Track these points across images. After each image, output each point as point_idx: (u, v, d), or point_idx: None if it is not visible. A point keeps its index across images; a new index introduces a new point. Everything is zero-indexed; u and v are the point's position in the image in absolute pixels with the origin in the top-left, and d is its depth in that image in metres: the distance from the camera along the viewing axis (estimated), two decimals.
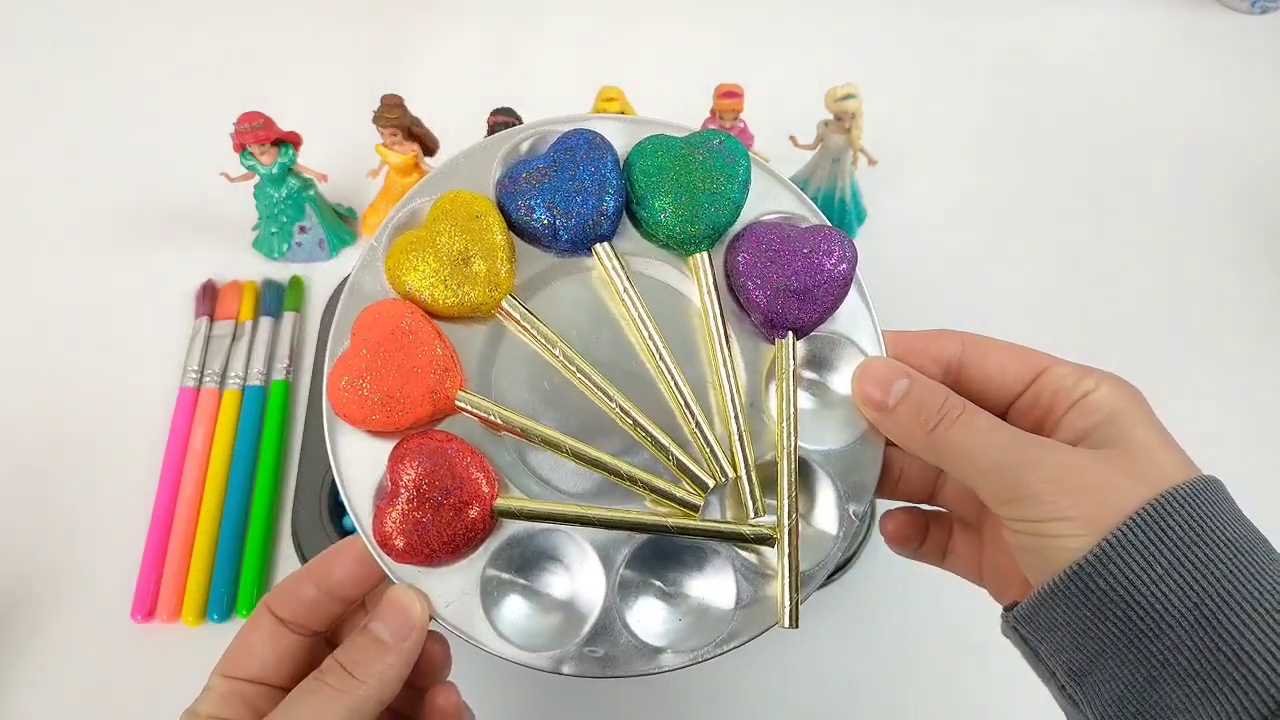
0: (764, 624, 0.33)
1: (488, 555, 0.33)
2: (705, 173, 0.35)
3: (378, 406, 0.32)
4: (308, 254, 0.63)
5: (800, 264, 0.35)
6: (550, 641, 0.33)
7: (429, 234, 0.34)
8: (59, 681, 0.50)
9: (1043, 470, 0.29)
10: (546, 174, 0.35)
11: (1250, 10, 0.79)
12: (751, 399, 0.35)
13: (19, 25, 0.78)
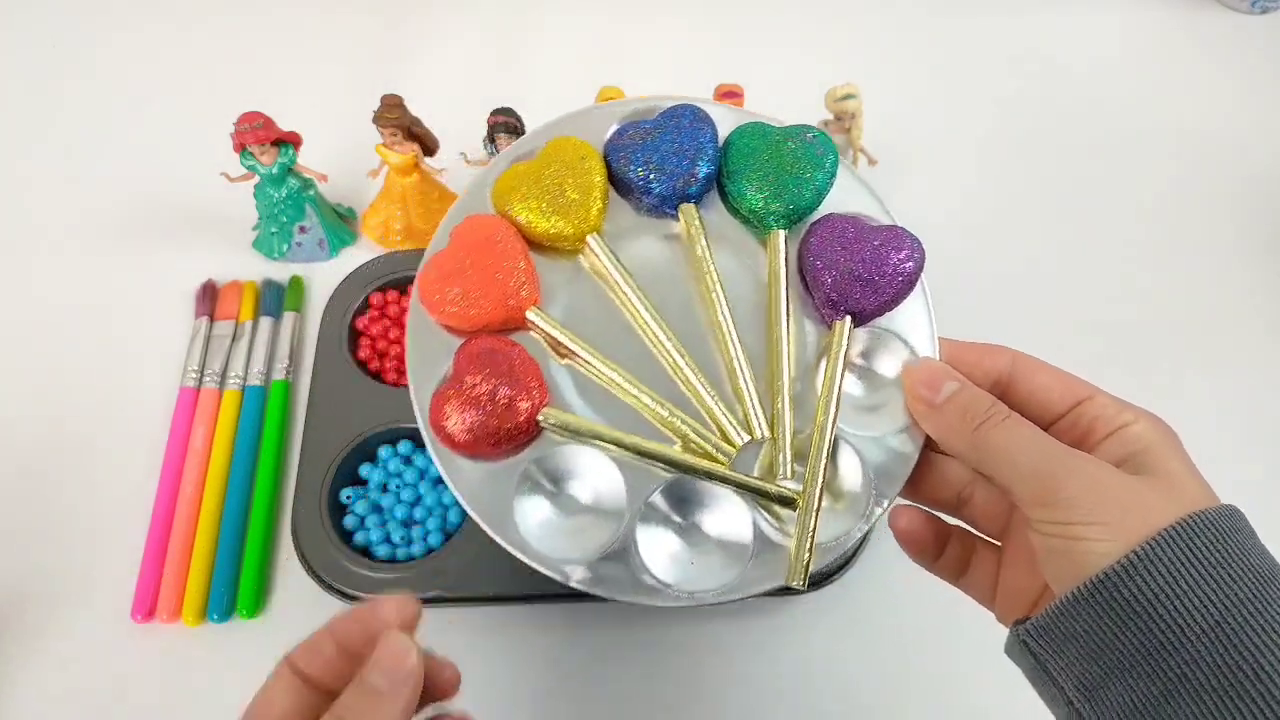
0: (773, 583, 0.35)
1: (525, 459, 0.35)
2: (795, 160, 0.38)
3: (457, 299, 0.36)
4: (308, 254, 0.63)
5: (869, 254, 0.37)
6: (565, 552, 0.35)
7: (537, 167, 0.38)
8: (59, 681, 0.50)
9: (1081, 479, 0.30)
10: (650, 134, 0.39)
11: (1250, 10, 0.79)
12: (801, 375, 0.37)
13: (19, 25, 0.78)
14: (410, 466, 0.54)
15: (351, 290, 0.60)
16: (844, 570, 0.52)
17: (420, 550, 0.52)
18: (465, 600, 0.51)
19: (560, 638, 0.52)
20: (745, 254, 0.39)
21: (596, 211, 0.38)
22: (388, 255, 0.62)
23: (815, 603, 0.52)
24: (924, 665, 0.51)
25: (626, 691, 0.50)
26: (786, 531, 0.35)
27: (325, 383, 0.57)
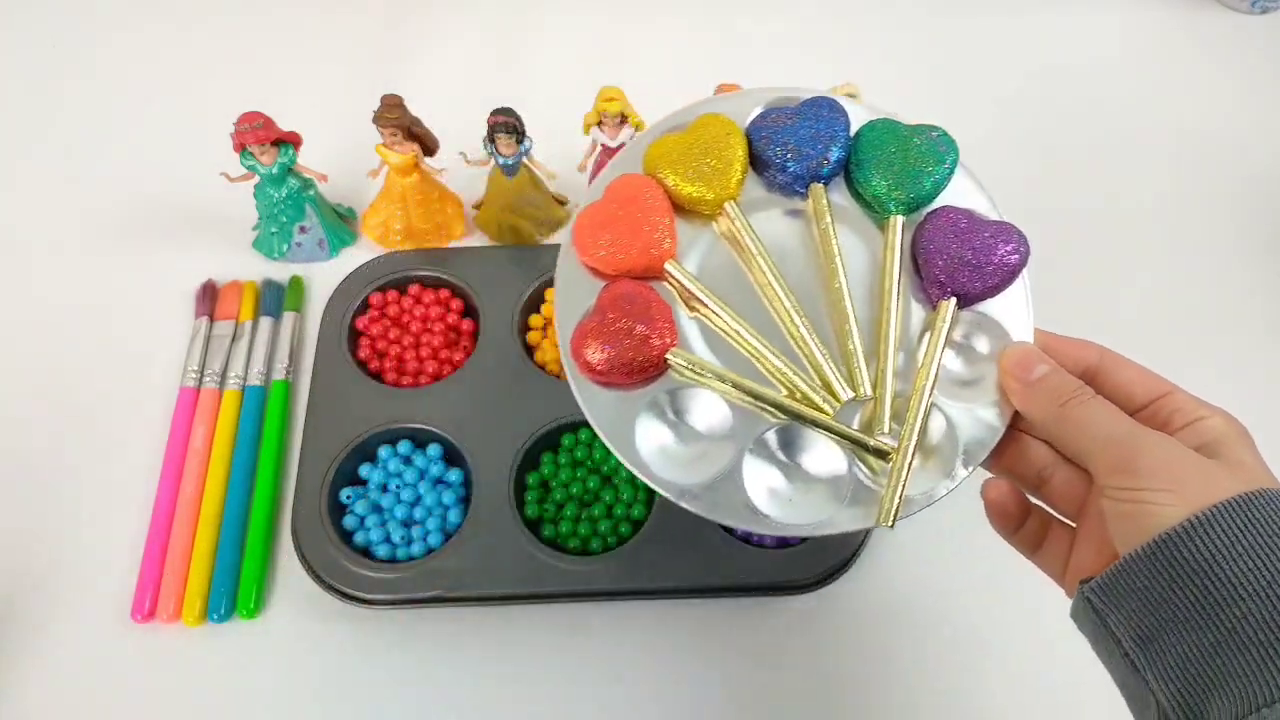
0: (861, 525, 0.38)
1: (651, 390, 0.39)
2: (919, 154, 0.42)
3: (605, 244, 0.40)
4: (308, 254, 0.63)
5: (979, 243, 0.40)
6: (677, 477, 0.38)
7: (687, 137, 0.43)
8: (60, 681, 0.50)
9: (1155, 452, 0.33)
10: (792, 119, 0.43)
11: (1250, 10, 0.79)
12: (904, 346, 0.41)
13: (19, 25, 0.78)
14: (410, 466, 0.54)
15: (351, 290, 0.60)
16: (844, 570, 0.52)
17: (420, 550, 0.52)
18: (465, 600, 0.51)
19: (560, 637, 0.52)
20: (862, 234, 0.43)
21: (735, 182, 0.42)
22: (388, 255, 0.62)
23: (815, 603, 0.52)
24: (923, 665, 0.51)
25: (626, 690, 0.50)
26: (878, 481, 0.39)
27: (325, 383, 0.57)
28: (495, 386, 0.56)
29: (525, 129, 0.57)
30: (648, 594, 0.51)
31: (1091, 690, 0.51)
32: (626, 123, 0.57)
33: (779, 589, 0.51)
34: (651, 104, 0.59)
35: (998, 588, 0.53)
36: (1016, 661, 0.51)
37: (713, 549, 0.51)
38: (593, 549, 0.52)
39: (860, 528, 0.38)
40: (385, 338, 0.59)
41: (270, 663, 0.51)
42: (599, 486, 0.54)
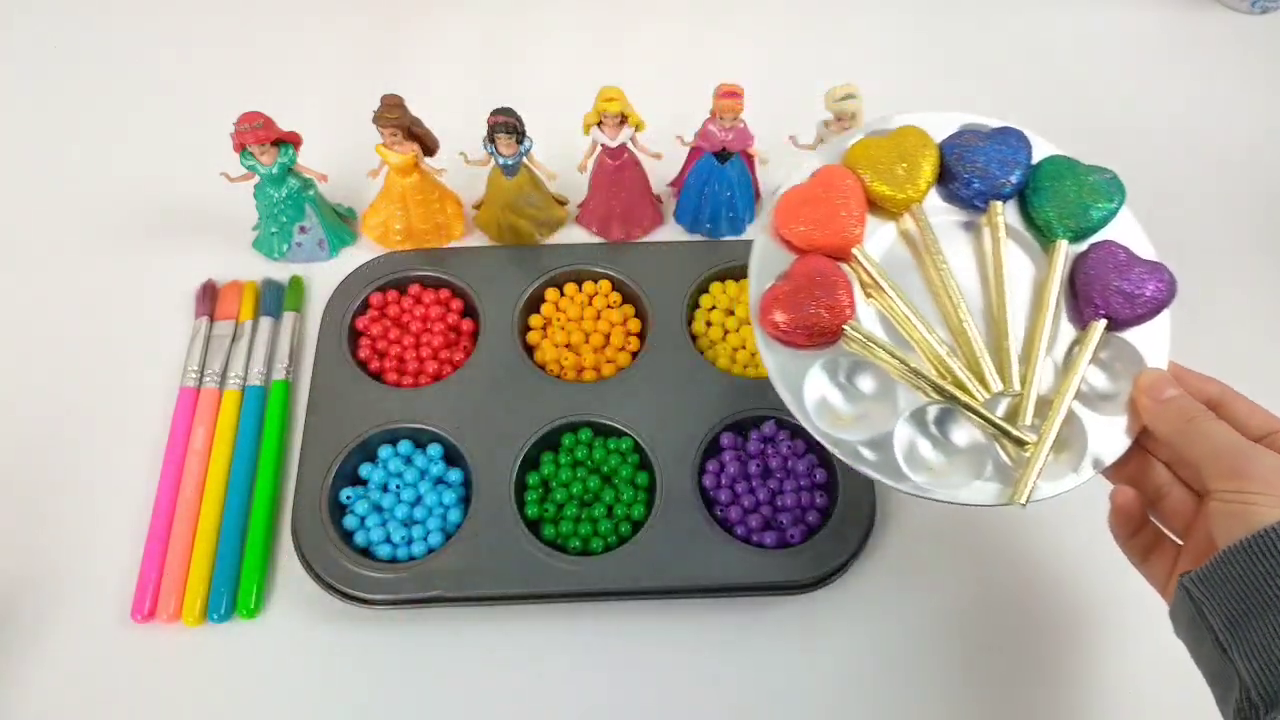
0: (996, 501, 0.43)
1: (826, 354, 0.45)
2: (1091, 190, 0.48)
3: (803, 221, 0.46)
4: (308, 254, 0.63)
5: (1134, 277, 0.46)
6: (838, 432, 0.44)
7: (887, 142, 0.48)
8: (60, 681, 0.50)
9: (1264, 462, 0.38)
10: (983, 140, 0.49)
11: (1250, 10, 0.79)
12: (1051, 353, 0.46)
13: (19, 26, 0.78)
14: (411, 466, 0.54)
15: (352, 290, 0.60)
16: (842, 571, 0.52)
17: (421, 550, 0.52)
18: (466, 600, 0.51)
19: (560, 636, 0.52)
20: (1026, 253, 0.48)
21: (922, 188, 0.48)
22: (388, 255, 0.62)
23: (815, 602, 0.52)
24: (923, 664, 0.51)
25: (626, 690, 0.50)
26: (1014, 465, 0.44)
27: (325, 383, 0.57)
28: (495, 386, 0.56)
29: (525, 129, 0.57)
30: (648, 594, 0.51)
31: (1090, 690, 0.51)
32: (626, 123, 0.57)
33: (779, 589, 0.51)
34: (651, 104, 0.59)
35: (996, 588, 0.53)
36: (1015, 661, 0.51)
37: (713, 549, 0.51)
38: (593, 549, 0.52)
39: (993, 504, 0.43)
40: (385, 338, 0.59)
41: (270, 663, 0.51)
42: (599, 487, 0.54)
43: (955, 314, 0.46)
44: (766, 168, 0.63)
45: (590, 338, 0.59)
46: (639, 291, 0.60)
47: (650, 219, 0.65)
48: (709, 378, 0.57)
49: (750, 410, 0.55)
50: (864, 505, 0.52)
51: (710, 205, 0.62)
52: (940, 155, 0.49)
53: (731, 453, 0.55)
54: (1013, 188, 0.48)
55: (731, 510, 0.53)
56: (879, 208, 0.48)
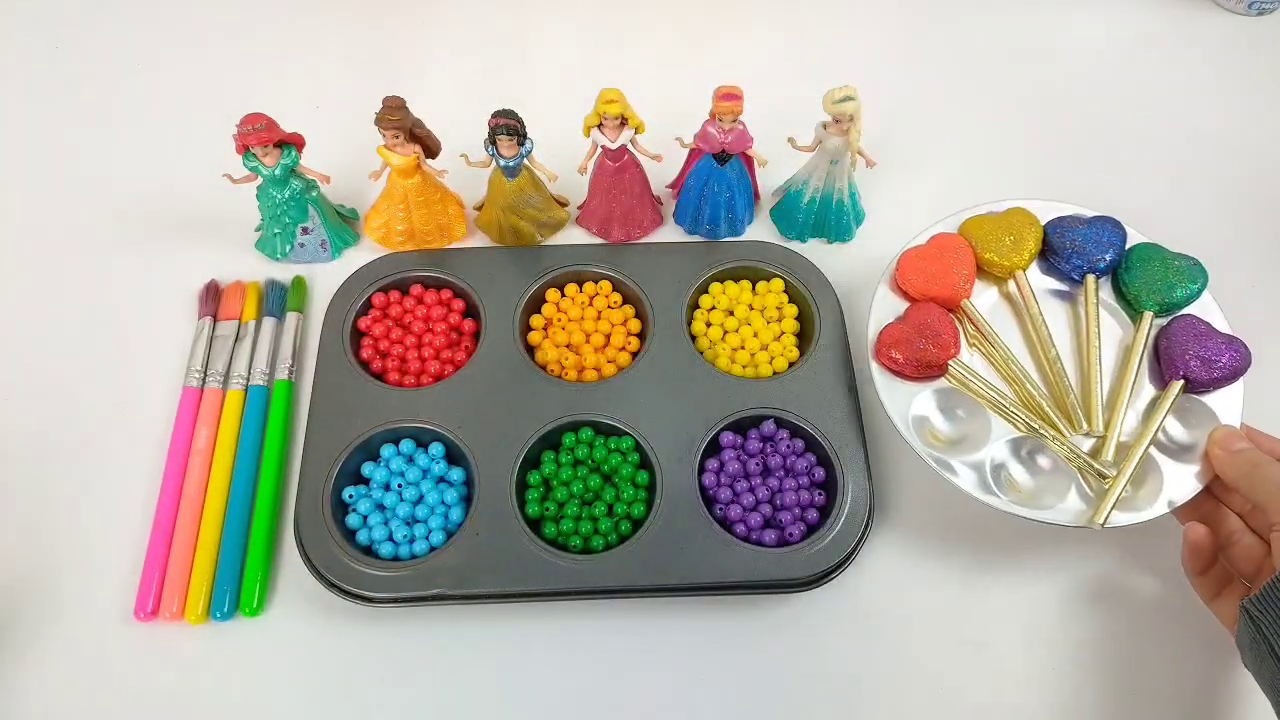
0: (1074, 523, 0.50)
1: (931, 387, 0.53)
2: (1177, 272, 0.56)
3: (920, 275, 0.56)
4: (310, 255, 0.64)
5: (1213, 346, 0.54)
6: (937, 452, 0.51)
7: (997, 220, 0.58)
8: (63, 680, 0.50)
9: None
10: (1085, 224, 0.58)
11: (1247, 12, 0.79)
12: (1135, 407, 0.54)
13: (20, 26, 0.78)
14: (413, 465, 0.55)
15: (354, 290, 0.60)
16: (842, 569, 0.52)
17: (423, 549, 0.52)
18: (467, 598, 0.51)
19: (561, 635, 0.52)
20: (1114, 322, 0.57)
21: (1026, 259, 0.57)
22: (389, 256, 0.63)
23: (814, 602, 0.52)
24: (922, 664, 0.52)
25: (626, 688, 0.51)
26: (1094, 495, 0.51)
27: (328, 382, 0.57)
28: (497, 386, 0.57)
29: (526, 131, 0.58)
30: (648, 592, 0.51)
31: (1087, 689, 0.51)
32: (626, 124, 0.58)
33: (778, 587, 0.52)
34: (651, 106, 0.59)
35: (996, 588, 0.54)
36: (1016, 658, 0.52)
37: (713, 547, 0.51)
38: (594, 547, 0.52)
39: (1072, 524, 0.49)
40: (387, 338, 0.59)
41: (273, 661, 0.51)
42: (600, 486, 0.54)
43: (1048, 364, 0.55)
44: (766, 169, 0.63)
45: (591, 338, 0.59)
46: (639, 292, 0.60)
47: (650, 220, 0.65)
48: (709, 377, 0.57)
49: (750, 410, 0.56)
50: (863, 504, 0.52)
51: (710, 206, 0.63)
52: (1044, 233, 0.58)
53: (731, 452, 0.55)
54: (1106, 265, 0.57)
55: (731, 509, 0.53)
56: (986, 273, 0.58)
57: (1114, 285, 0.58)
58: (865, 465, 0.54)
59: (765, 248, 0.63)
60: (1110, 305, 0.57)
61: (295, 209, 0.61)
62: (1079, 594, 0.53)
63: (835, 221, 0.64)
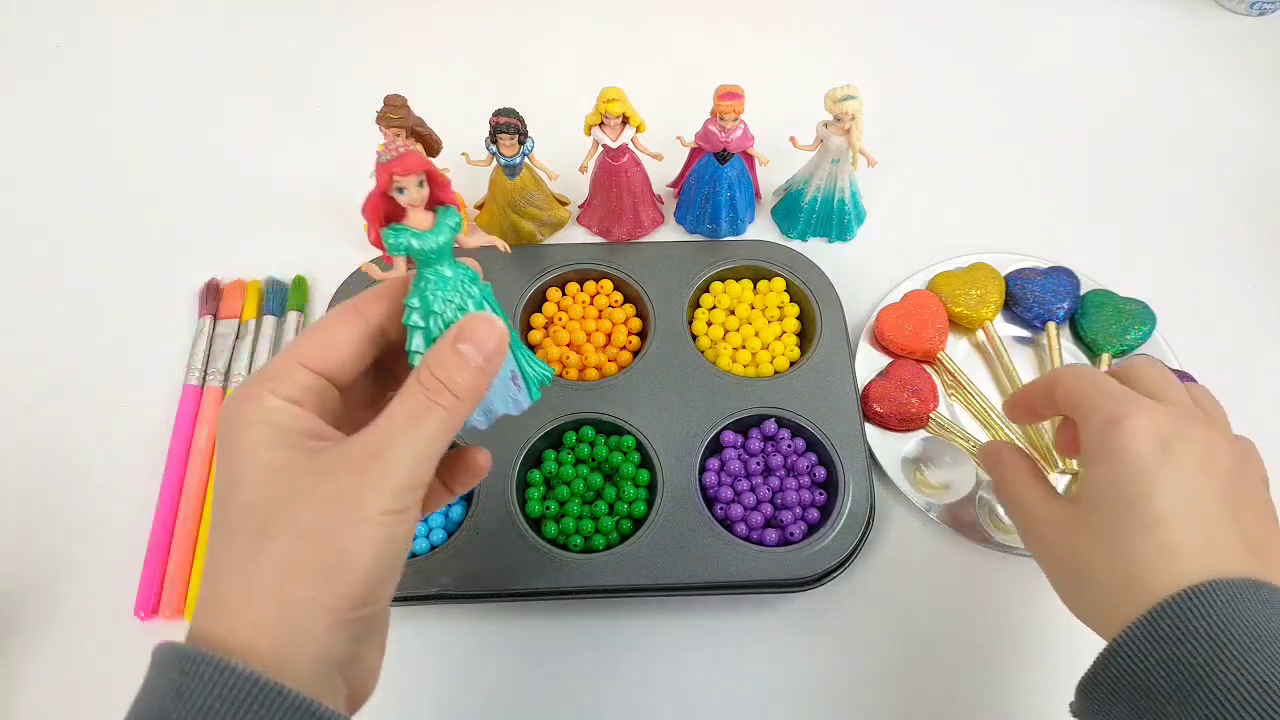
0: None
1: (916, 439, 0.57)
2: (1130, 317, 0.60)
3: (898, 332, 0.60)
4: (503, 400, 0.38)
5: None
6: (920, 499, 0.55)
7: (963, 275, 0.62)
8: (62, 679, 0.50)
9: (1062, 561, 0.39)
10: (1041, 276, 0.62)
11: (1248, 12, 0.79)
12: None
13: (20, 25, 0.78)
14: None
15: (355, 290, 0.60)
16: (842, 569, 0.52)
17: (423, 547, 0.52)
18: (467, 598, 0.51)
19: (561, 633, 0.52)
20: (1076, 363, 0.60)
21: (991, 310, 0.61)
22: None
23: (814, 602, 0.52)
24: (923, 664, 0.52)
25: (626, 688, 0.50)
26: None
27: None
28: None
29: (527, 130, 0.58)
30: (649, 591, 0.51)
31: None
32: (627, 123, 0.58)
33: (780, 586, 0.52)
34: (652, 105, 0.59)
35: (995, 587, 0.54)
36: (1015, 658, 0.52)
37: (714, 547, 0.51)
38: (595, 546, 0.52)
39: None
40: None
41: None
42: (601, 484, 0.54)
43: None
44: (767, 168, 0.63)
45: (592, 337, 0.59)
46: (640, 291, 0.60)
47: (651, 219, 0.65)
48: (710, 377, 0.57)
49: (751, 409, 0.56)
50: (864, 503, 0.52)
51: (711, 206, 0.63)
52: (1006, 285, 0.62)
53: (733, 451, 0.55)
54: (1065, 313, 0.60)
55: (733, 508, 0.53)
56: (957, 325, 0.61)
57: (1073, 330, 0.61)
58: (866, 465, 0.54)
59: (766, 247, 0.63)
60: (1072, 349, 0.61)
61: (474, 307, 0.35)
62: None
63: (837, 221, 0.64)
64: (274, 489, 0.30)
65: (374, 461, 0.30)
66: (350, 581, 0.29)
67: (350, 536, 0.29)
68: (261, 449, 0.30)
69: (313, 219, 0.66)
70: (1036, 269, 0.62)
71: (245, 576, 0.29)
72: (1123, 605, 0.35)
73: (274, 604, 0.29)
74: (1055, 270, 0.62)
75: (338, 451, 0.30)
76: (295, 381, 0.32)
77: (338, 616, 0.29)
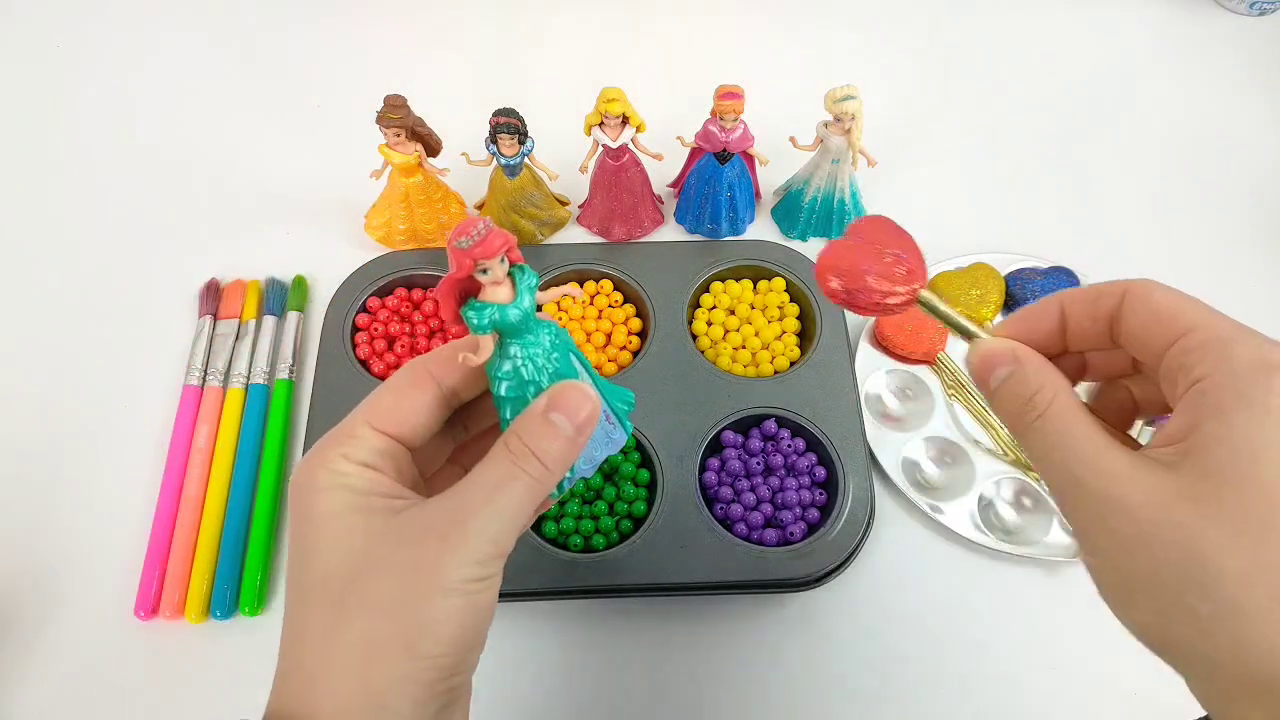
0: (1063, 557, 0.53)
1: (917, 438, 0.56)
2: None
3: (899, 333, 0.59)
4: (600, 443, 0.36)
5: None
6: (925, 499, 0.55)
7: (963, 275, 0.62)
8: (62, 679, 0.50)
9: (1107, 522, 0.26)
10: (1040, 275, 0.61)
11: (1248, 12, 0.79)
12: None
13: (21, 25, 0.78)
14: None
15: (355, 290, 0.60)
16: (842, 569, 0.52)
17: None
18: None
19: (561, 633, 0.52)
20: None
21: (991, 310, 0.61)
22: (391, 255, 0.63)
23: (814, 602, 0.52)
24: (923, 664, 0.51)
25: (625, 687, 0.50)
26: None
27: (328, 381, 0.57)
28: None
29: (527, 130, 0.58)
30: (649, 591, 0.51)
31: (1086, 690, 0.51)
32: (627, 123, 0.58)
33: (779, 586, 0.51)
34: (652, 105, 0.59)
35: (995, 587, 0.54)
36: (1015, 658, 0.51)
37: (714, 546, 0.51)
38: (595, 546, 0.52)
39: (1063, 559, 0.53)
40: (388, 337, 0.59)
41: (273, 659, 0.51)
42: (601, 484, 0.54)
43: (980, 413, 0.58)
44: (767, 168, 0.63)
45: (592, 336, 0.59)
46: (640, 291, 0.60)
47: (651, 219, 0.65)
48: (710, 376, 0.57)
49: (751, 409, 0.56)
50: (864, 503, 0.52)
51: (711, 206, 0.63)
52: (1006, 285, 0.61)
53: (733, 450, 0.55)
54: None
55: (733, 508, 0.53)
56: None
57: None
58: (866, 465, 0.53)
59: (766, 247, 0.63)
60: None
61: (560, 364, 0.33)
62: (1080, 595, 0.53)
63: (837, 220, 0.64)
64: (351, 557, 0.28)
65: (456, 529, 0.28)
66: (435, 655, 0.28)
67: (433, 608, 0.28)
68: (337, 516, 0.29)
69: (313, 219, 0.66)
70: (1036, 269, 0.62)
71: (325, 652, 0.28)
72: (1274, 629, 0.23)
73: (357, 682, 0.27)
74: (1055, 270, 0.62)
75: (417, 516, 0.29)
76: (368, 445, 0.30)
77: (425, 691, 0.28)
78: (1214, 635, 0.23)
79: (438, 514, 0.29)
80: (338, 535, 0.29)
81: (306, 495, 0.29)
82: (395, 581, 0.28)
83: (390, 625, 0.28)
